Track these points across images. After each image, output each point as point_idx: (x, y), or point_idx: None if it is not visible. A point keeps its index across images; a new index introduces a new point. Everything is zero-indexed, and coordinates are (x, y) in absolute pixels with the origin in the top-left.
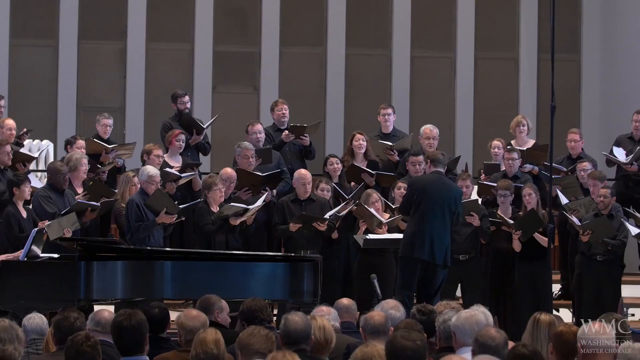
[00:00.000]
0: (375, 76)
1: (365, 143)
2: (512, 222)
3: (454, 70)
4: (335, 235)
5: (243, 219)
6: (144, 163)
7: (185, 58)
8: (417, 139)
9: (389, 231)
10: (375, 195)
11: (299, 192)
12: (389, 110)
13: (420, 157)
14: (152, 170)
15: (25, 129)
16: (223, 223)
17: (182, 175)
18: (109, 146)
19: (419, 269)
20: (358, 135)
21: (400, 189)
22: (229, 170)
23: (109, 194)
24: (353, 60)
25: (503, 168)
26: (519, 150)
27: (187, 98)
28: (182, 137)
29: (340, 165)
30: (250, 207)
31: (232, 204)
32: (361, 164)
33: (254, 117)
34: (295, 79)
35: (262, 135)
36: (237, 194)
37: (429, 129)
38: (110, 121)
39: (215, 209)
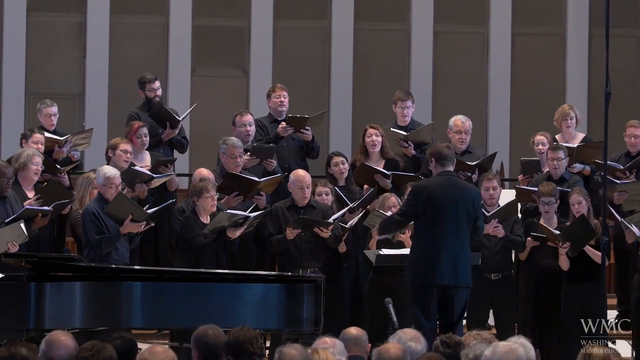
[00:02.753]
0: (391, 56)
1: (380, 138)
2: (557, 232)
3: (486, 48)
4: (343, 248)
5: (242, 230)
6: (108, 161)
7: (158, 34)
8: (445, 132)
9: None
10: (393, 198)
11: (296, 197)
12: (408, 103)
13: None
14: (109, 170)
15: None
16: (218, 236)
17: (156, 176)
18: (61, 138)
19: (436, 294)
20: (371, 130)
21: None
22: (204, 172)
23: (67, 196)
24: (363, 36)
25: (546, 168)
26: (566, 147)
27: (157, 84)
28: (144, 130)
29: (346, 166)
30: (250, 214)
31: (228, 211)
32: (377, 163)
33: (242, 105)
34: (292, 59)
35: (253, 129)
36: (225, 200)
37: (460, 120)
38: (54, 109)
39: (205, 219)
